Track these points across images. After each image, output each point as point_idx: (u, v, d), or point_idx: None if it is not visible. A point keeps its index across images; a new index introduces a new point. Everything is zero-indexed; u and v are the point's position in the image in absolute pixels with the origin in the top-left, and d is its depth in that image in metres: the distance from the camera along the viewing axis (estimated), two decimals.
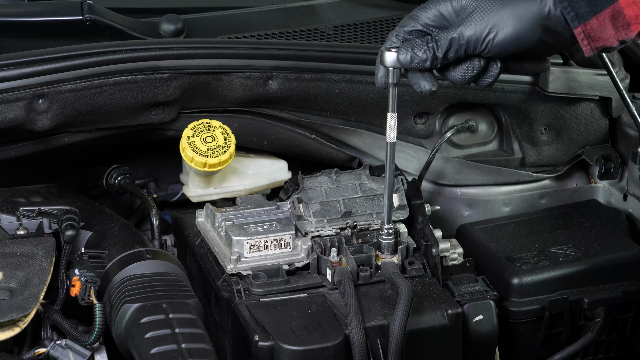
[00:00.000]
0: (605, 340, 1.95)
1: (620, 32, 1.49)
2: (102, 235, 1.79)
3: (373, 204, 1.84)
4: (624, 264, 1.94)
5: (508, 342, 1.89)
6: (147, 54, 1.89)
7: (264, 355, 1.60)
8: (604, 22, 1.48)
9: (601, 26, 1.48)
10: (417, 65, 1.56)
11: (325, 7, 2.25)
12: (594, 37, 1.50)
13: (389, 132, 1.67)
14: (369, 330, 1.64)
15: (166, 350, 1.51)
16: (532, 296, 1.89)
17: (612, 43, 1.50)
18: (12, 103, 1.81)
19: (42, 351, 1.58)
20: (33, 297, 1.54)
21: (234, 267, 1.74)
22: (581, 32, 1.49)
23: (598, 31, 1.49)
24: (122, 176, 2.03)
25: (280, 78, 1.95)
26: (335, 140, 2.08)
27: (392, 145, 1.68)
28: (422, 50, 1.55)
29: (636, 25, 1.48)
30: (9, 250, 1.64)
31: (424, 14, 1.58)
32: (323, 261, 1.76)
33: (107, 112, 1.89)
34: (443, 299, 1.72)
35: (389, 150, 1.69)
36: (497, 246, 1.97)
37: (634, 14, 1.47)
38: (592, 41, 1.50)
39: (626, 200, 2.11)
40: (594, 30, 1.49)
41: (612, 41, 1.50)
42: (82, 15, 1.99)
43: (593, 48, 1.51)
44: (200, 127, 1.90)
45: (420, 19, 1.58)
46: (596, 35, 1.49)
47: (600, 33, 1.49)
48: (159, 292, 1.62)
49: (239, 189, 1.99)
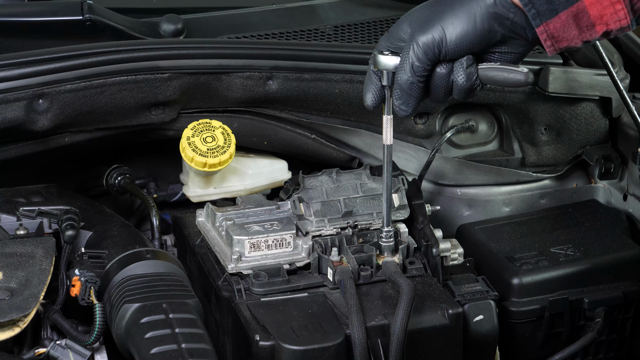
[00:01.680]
0: (605, 340, 1.95)
1: (584, 32, 1.46)
2: (102, 235, 1.79)
3: (374, 204, 1.84)
4: (624, 264, 1.94)
5: (508, 342, 1.89)
6: (147, 54, 1.89)
7: (265, 355, 1.60)
8: (567, 22, 1.45)
9: (564, 26, 1.45)
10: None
11: (325, 7, 2.25)
12: (557, 37, 1.47)
13: (386, 135, 1.67)
14: (370, 329, 1.64)
15: (166, 350, 1.51)
16: (532, 296, 1.89)
17: (575, 43, 1.47)
18: (12, 103, 1.81)
19: (42, 351, 1.58)
20: (33, 297, 1.54)
21: (234, 267, 1.74)
22: (544, 32, 1.46)
23: (561, 31, 1.46)
24: (122, 176, 2.03)
25: (280, 78, 1.95)
26: (335, 140, 2.08)
27: (389, 147, 1.68)
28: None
29: (601, 26, 1.45)
30: (9, 250, 1.64)
31: (384, 42, 1.58)
32: (324, 261, 1.76)
33: (107, 112, 1.89)
34: (443, 298, 1.72)
35: (385, 152, 1.69)
36: (497, 246, 1.97)
37: (598, 14, 1.44)
38: (555, 42, 1.47)
39: (626, 200, 2.11)
40: (557, 30, 1.46)
41: (576, 41, 1.47)
42: (82, 15, 1.99)
43: (556, 48, 1.48)
44: (200, 127, 1.90)
45: (381, 45, 1.58)
46: (559, 36, 1.47)
47: (563, 33, 1.46)
48: (159, 292, 1.62)
49: (239, 189, 1.99)
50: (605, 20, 1.45)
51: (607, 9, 1.44)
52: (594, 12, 1.44)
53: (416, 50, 1.53)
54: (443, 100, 1.58)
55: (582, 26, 1.46)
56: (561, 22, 1.45)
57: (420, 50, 1.52)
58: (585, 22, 1.45)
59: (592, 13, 1.44)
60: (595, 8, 1.44)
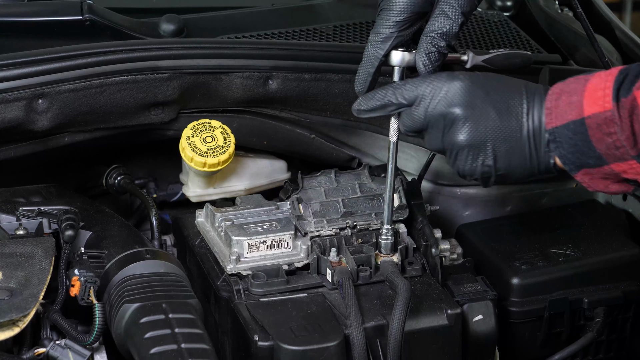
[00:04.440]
0: (605, 340, 1.95)
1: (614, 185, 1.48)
2: (101, 235, 1.79)
3: (373, 204, 1.84)
4: (624, 264, 1.94)
5: (508, 342, 1.89)
6: (147, 54, 1.89)
7: (264, 355, 1.60)
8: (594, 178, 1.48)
9: (592, 180, 1.48)
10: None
11: (325, 7, 2.25)
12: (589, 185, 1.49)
13: (392, 132, 1.67)
14: (369, 330, 1.64)
15: (166, 350, 1.51)
16: (532, 296, 1.89)
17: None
18: (12, 103, 1.81)
19: (42, 351, 1.58)
20: (32, 297, 1.54)
21: (233, 267, 1.74)
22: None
23: (590, 182, 1.49)
24: (122, 176, 2.03)
25: (280, 78, 1.95)
26: (335, 140, 2.08)
27: (394, 144, 1.68)
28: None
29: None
30: (8, 250, 1.64)
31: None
32: (323, 261, 1.76)
33: (107, 112, 1.89)
34: (443, 299, 1.72)
35: (391, 149, 1.69)
36: (497, 246, 1.97)
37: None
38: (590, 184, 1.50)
39: (626, 200, 2.10)
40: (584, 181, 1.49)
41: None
42: (82, 15, 1.99)
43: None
44: (200, 127, 1.90)
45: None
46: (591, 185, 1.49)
47: (592, 183, 1.49)
48: (159, 292, 1.62)
49: (238, 189, 1.99)
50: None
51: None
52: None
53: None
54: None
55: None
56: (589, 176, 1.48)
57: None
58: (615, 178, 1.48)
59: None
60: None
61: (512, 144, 1.49)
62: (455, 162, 1.54)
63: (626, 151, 1.41)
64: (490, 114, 1.49)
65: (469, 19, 1.73)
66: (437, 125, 1.53)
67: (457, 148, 1.52)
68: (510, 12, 2.36)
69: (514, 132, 1.49)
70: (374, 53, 1.62)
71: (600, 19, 2.24)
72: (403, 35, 1.60)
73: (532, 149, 1.49)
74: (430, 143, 1.56)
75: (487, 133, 1.49)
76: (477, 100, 1.50)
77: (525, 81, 1.53)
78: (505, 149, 1.50)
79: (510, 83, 1.52)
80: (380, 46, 1.61)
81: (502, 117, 1.49)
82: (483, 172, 1.52)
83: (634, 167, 1.43)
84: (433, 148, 1.56)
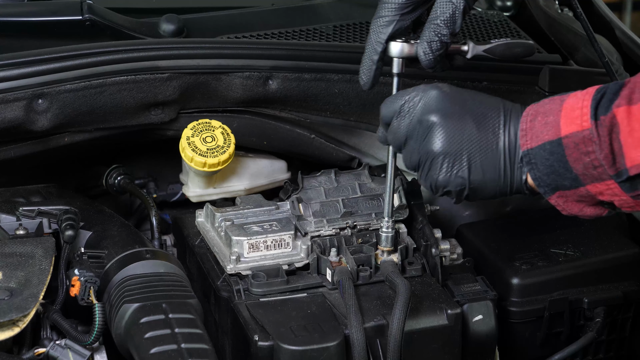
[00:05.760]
0: (605, 340, 1.94)
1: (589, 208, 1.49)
2: (101, 235, 1.79)
3: (373, 204, 1.84)
4: (624, 264, 1.94)
5: (508, 342, 1.89)
6: (147, 54, 1.89)
7: (264, 355, 1.60)
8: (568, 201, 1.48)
9: (566, 202, 1.49)
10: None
11: (325, 7, 2.26)
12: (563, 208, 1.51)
13: None
14: (369, 330, 1.64)
15: (166, 350, 1.51)
16: (532, 296, 1.89)
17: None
18: (12, 103, 1.81)
19: (42, 351, 1.58)
20: (32, 297, 1.55)
21: (233, 267, 1.74)
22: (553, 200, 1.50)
23: (564, 205, 1.50)
24: (122, 176, 2.03)
25: (280, 78, 1.95)
26: (335, 140, 2.08)
27: None
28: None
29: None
30: (8, 250, 1.64)
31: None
32: (323, 261, 1.76)
33: (107, 112, 1.89)
34: (443, 299, 1.72)
35: (391, 149, 1.69)
36: (497, 246, 1.97)
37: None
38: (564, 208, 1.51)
39: None
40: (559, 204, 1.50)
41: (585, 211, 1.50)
42: (82, 15, 1.99)
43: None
44: (200, 127, 1.90)
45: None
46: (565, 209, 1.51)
47: (566, 206, 1.50)
48: (159, 292, 1.62)
49: (238, 189, 1.99)
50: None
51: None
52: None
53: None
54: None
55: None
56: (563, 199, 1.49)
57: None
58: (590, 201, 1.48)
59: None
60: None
61: (487, 156, 1.48)
62: (428, 173, 1.51)
63: (604, 170, 1.40)
64: (468, 123, 1.48)
65: (469, 13, 1.72)
66: (415, 135, 1.51)
67: (432, 156, 1.50)
68: (510, 12, 2.36)
69: (490, 144, 1.47)
70: (376, 38, 1.61)
71: (600, 19, 2.24)
72: (405, 19, 1.59)
73: (507, 163, 1.47)
74: (406, 157, 1.55)
75: (463, 142, 1.48)
76: (455, 108, 1.49)
77: (503, 99, 1.52)
78: (481, 161, 1.48)
79: (488, 97, 1.51)
80: (382, 30, 1.60)
81: (479, 128, 1.48)
82: (457, 183, 1.50)
83: (611, 187, 1.41)
84: (409, 162, 1.55)
